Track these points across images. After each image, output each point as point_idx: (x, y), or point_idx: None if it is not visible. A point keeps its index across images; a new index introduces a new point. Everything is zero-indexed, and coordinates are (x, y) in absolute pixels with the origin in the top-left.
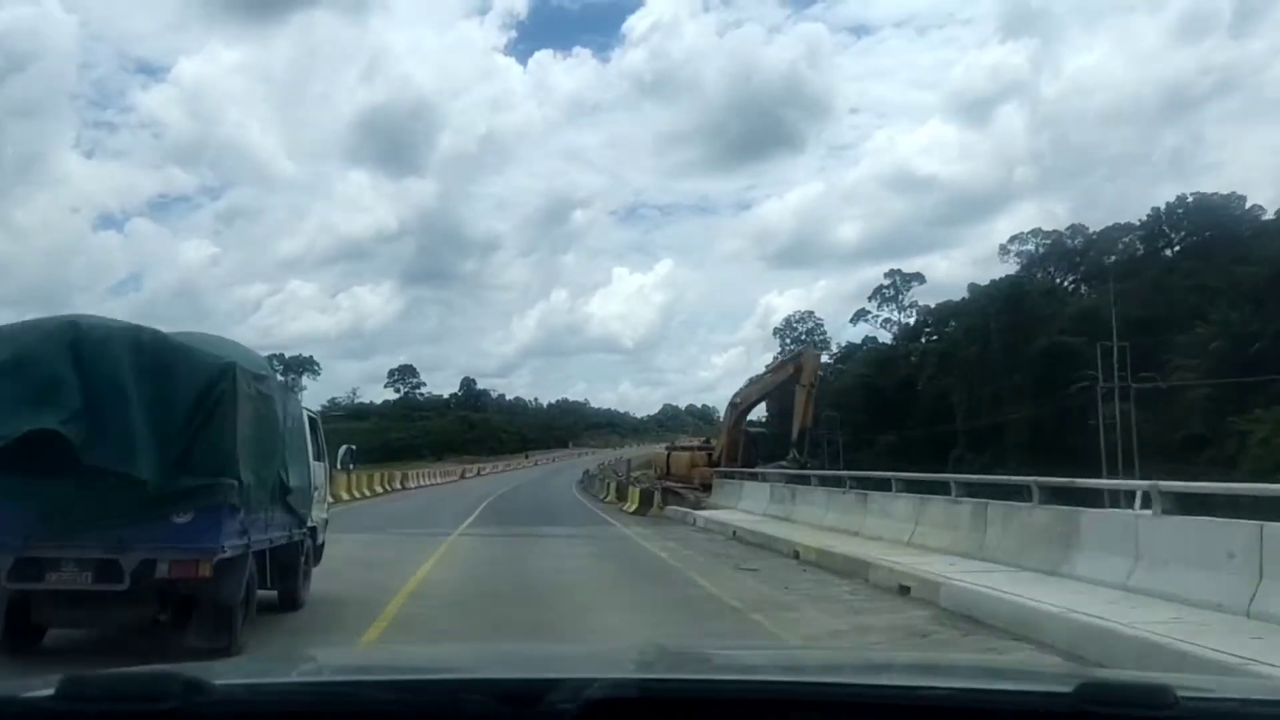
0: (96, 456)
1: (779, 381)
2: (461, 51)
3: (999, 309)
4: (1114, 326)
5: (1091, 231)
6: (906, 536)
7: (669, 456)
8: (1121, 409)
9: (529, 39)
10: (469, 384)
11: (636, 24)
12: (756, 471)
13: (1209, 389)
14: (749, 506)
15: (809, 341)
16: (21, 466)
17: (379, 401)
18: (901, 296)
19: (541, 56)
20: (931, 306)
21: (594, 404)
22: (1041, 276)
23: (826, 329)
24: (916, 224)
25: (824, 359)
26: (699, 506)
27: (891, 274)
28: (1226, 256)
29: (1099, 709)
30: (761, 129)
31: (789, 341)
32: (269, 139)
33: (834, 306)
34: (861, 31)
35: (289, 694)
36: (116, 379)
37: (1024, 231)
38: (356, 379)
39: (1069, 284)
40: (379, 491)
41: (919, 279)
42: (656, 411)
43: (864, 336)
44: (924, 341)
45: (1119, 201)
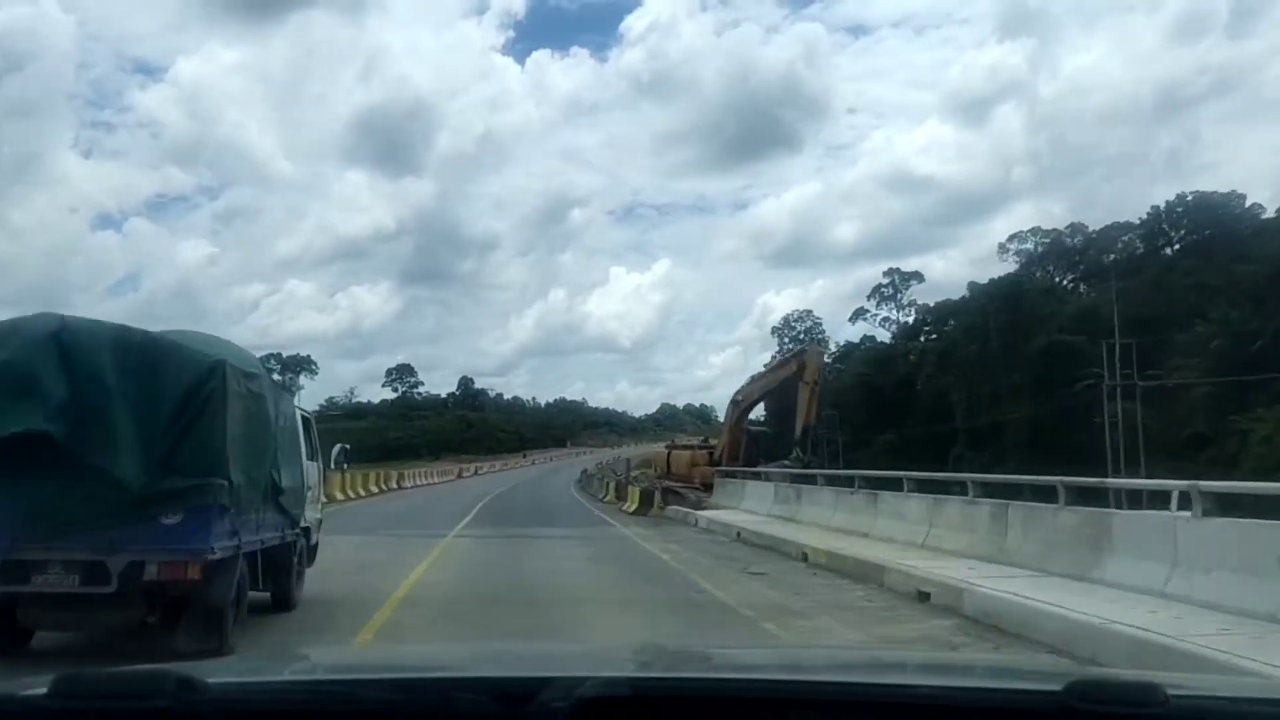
0: (83, 456)
1: (781, 379)
2: (459, 51)
3: (998, 308)
4: (1116, 325)
5: (1091, 230)
6: (920, 539)
7: (669, 455)
8: (1125, 407)
9: (527, 39)
10: (467, 383)
11: (634, 24)
12: (759, 471)
13: (1209, 387)
14: (752, 506)
15: (808, 340)
16: (7, 467)
17: (377, 401)
18: (900, 295)
19: (539, 56)
20: (930, 305)
21: (592, 403)
22: (1041, 275)
23: (825, 328)
24: (914, 224)
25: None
26: (700, 506)
27: (890, 273)
28: (1226, 255)
29: (1090, 707)
30: (759, 129)
31: (787, 341)
32: (267, 139)
33: (832, 306)
34: (859, 31)
35: (282, 692)
36: (103, 377)
37: (1023, 230)
38: (354, 378)
39: (1068, 283)
40: (374, 491)
41: (918, 278)
42: (654, 411)
43: (862, 335)
44: (923, 340)
45: (1116, 201)
